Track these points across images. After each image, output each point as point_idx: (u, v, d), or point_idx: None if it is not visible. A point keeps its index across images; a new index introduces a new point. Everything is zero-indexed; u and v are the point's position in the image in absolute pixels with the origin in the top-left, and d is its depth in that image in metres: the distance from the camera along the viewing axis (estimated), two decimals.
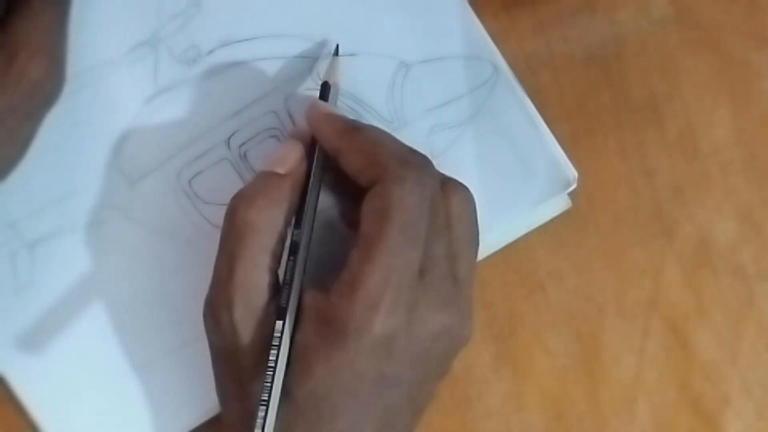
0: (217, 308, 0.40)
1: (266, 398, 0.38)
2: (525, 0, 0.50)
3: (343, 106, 0.46)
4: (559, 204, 0.48)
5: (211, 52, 0.46)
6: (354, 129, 0.42)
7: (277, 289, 0.40)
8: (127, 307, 0.45)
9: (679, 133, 0.50)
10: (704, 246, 0.50)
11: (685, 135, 0.50)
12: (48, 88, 0.41)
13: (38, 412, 0.44)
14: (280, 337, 0.39)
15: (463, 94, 0.47)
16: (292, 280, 0.40)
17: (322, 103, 0.44)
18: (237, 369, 0.40)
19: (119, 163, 0.46)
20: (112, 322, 0.45)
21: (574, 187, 0.48)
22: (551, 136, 0.47)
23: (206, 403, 0.45)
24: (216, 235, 0.45)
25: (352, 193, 0.41)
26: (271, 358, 0.39)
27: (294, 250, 0.41)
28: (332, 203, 0.44)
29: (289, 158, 0.42)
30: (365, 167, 0.40)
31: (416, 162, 0.40)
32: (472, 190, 0.42)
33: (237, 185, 0.45)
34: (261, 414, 0.38)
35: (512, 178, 0.47)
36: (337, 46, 0.46)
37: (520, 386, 0.48)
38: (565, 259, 0.49)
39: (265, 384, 0.38)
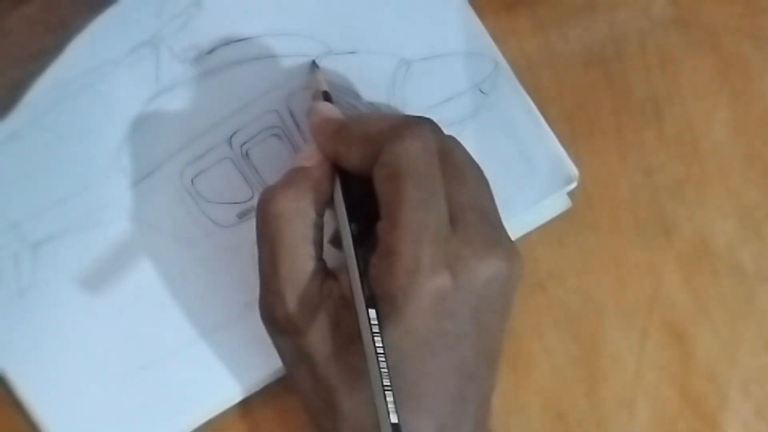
0: (270, 307, 0.39)
1: (384, 387, 0.36)
2: (525, 0, 0.50)
3: (345, 104, 0.46)
4: (559, 203, 0.48)
5: (212, 51, 0.46)
6: (343, 126, 0.41)
7: (326, 276, 0.40)
8: (129, 307, 0.45)
9: (678, 132, 0.50)
10: (704, 246, 0.50)
11: (684, 135, 0.50)
12: None
13: (39, 412, 0.44)
14: (376, 326, 0.37)
15: (463, 91, 0.47)
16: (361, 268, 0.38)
17: (319, 107, 0.43)
18: (310, 365, 0.39)
19: (121, 163, 0.46)
20: (114, 322, 0.45)
21: (575, 185, 0.48)
22: (552, 132, 0.48)
23: (207, 404, 0.45)
24: (219, 234, 0.45)
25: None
26: (378, 348, 0.37)
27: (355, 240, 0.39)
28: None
29: (315, 154, 0.41)
30: (364, 153, 0.39)
31: (412, 120, 0.39)
32: None
33: (239, 184, 0.46)
34: (385, 408, 0.36)
35: (514, 174, 0.47)
36: (313, 61, 0.46)
37: (520, 386, 0.48)
38: (565, 259, 0.49)
39: (379, 376, 0.36)
